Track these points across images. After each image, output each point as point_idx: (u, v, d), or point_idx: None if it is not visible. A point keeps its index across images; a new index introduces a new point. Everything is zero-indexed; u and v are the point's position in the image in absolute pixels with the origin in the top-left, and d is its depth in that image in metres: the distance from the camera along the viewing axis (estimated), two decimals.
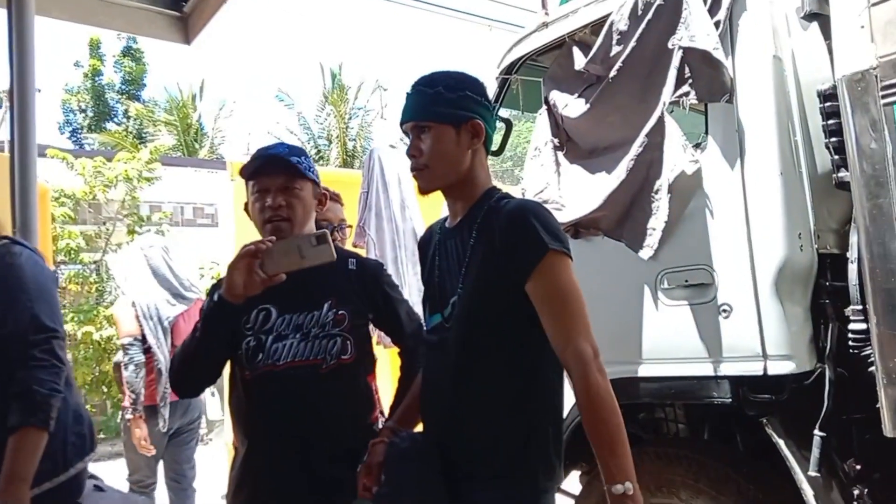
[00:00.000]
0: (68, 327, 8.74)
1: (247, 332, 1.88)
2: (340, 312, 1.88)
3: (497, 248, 1.58)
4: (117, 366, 4.06)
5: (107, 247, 9.98)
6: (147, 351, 3.82)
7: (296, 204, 1.89)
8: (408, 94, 1.71)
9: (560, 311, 1.52)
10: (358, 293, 1.95)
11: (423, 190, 1.73)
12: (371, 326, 2.14)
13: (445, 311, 1.67)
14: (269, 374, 1.85)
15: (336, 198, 2.81)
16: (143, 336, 3.81)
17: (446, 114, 1.65)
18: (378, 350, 2.33)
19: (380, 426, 1.99)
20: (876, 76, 1.98)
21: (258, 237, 1.83)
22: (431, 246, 1.82)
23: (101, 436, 4.56)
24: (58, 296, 2.06)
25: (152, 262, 4.01)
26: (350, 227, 2.63)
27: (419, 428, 1.87)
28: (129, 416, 3.78)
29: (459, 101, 1.66)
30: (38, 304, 1.94)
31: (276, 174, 1.89)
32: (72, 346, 9.01)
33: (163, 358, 3.81)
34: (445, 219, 1.83)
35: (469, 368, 1.61)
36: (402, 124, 1.72)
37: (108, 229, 10.04)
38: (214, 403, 8.26)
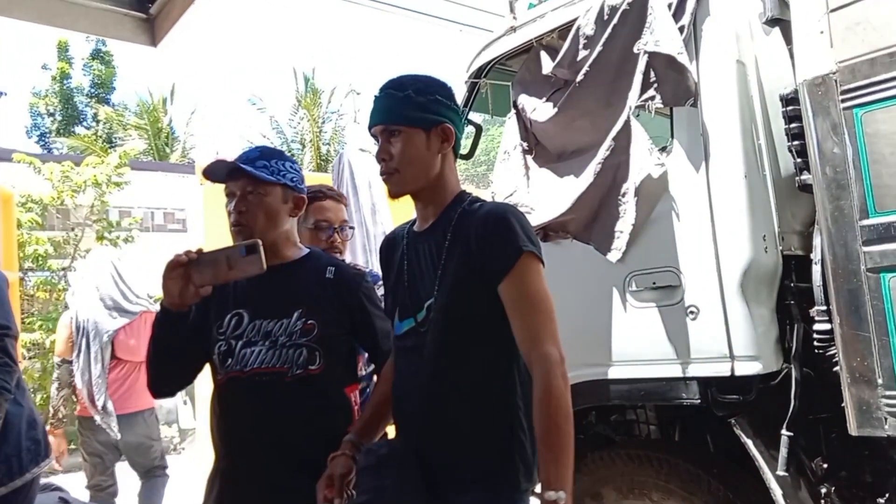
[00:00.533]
0: (35, 335, 8.57)
1: (219, 336, 1.87)
2: (310, 322, 1.84)
3: (473, 249, 1.57)
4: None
5: (75, 253, 9.79)
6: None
7: (256, 210, 1.85)
8: (376, 97, 1.70)
9: (529, 314, 1.52)
10: (333, 303, 1.90)
11: (394, 194, 1.71)
12: None
13: (419, 315, 1.65)
14: (235, 380, 1.84)
15: (338, 198, 2.71)
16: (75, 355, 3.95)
17: (416, 117, 1.64)
18: None
19: None
20: (836, 80, 2.02)
21: (226, 241, 1.81)
22: (398, 250, 1.79)
23: (72, 447, 4.49)
24: (8, 296, 2.03)
25: (98, 277, 4.11)
26: (352, 228, 2.55)
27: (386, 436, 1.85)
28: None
29: (429, 105, 1.65)
30: None
31: (239, 178, 1.87)
32: (40, 355, 8.83)
33: (91, 373, 3.89)
34: (411, 223, 1.81)
35: (446, 372, 1.60)
36: (370, 128, 1.70)
37: (76, 235, 9.86)
38: (187, 412, 8.14)
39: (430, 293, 1.63)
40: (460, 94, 3.07)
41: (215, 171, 1.89)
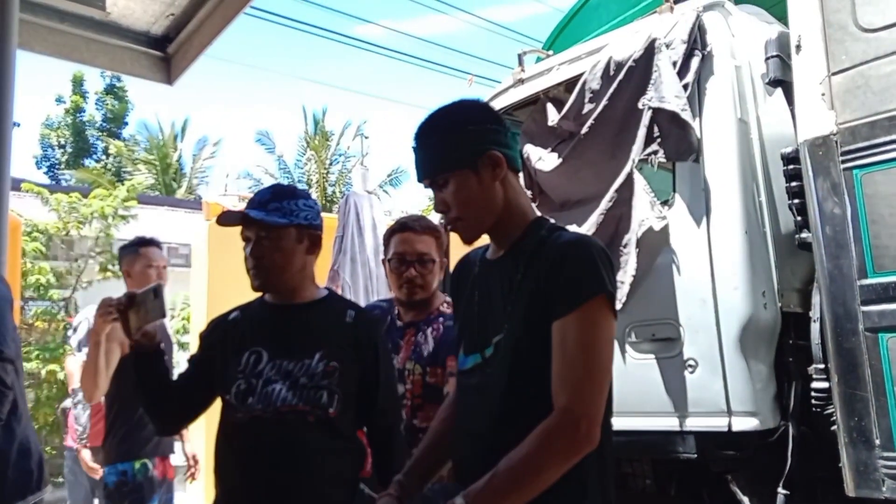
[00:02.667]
0: (32, 365, 8.51)
1: (238, 374, 1.84)
2: (331, 364, 1.83)
3: (542, 285, 1.43)
4: (64, 411, 4.13)
5: (77, 284, 9.81)
6: None
7: (271, 254, 1.86)
8: (413, 149, 1.58)
9: (572, 364, 1.37)
10: (351, 346, 1.89)
11: (467, 241, 1.58)
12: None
13: (487, 352, 1.51)
14: (259, 419, 1.81)
15: (420, 230, 2.38)
16: None
17: (456, 159, 1.51)
18: None
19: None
20: (836, 141, 2.06)
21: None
22: (469, 278, 1.64)
23: (59, 480, 4.45)
24: (11, 318, 1.99)
25: None
26: (433, 261, 2.36)
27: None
28: (75, 446, 3.90)
29: (465, 140, 1.51)
30: None
31: (252, 223, 1.88)
32: (34, 385, 8.77)
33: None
34: (485, 248, 1.65)
35: (511, 417, 1.45)
36: (420, 182, 1.60)
37: (79, 266, 9.89)
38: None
39: (500, 329, 1.49)
40: None
41: (229, 219, 1.91)
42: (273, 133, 25.12)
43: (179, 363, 4.41)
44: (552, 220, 1.58)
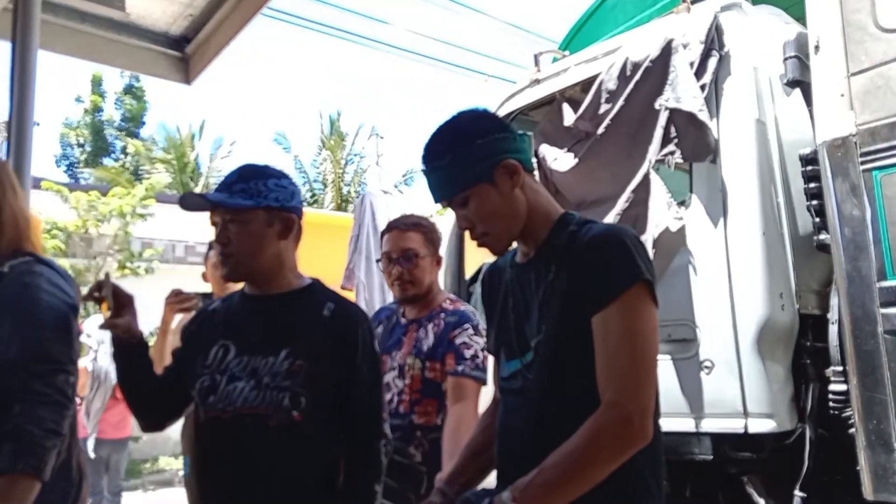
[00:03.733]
0: None
1: (204, 370, 1.70)
2: (297, 363, 1.63)
3: (576, 277, 1.40)
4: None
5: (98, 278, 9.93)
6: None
7: (238, 239, 1.69)
8: (424, 172, 1.56)
9: (618, 355, 1.33)
10: (326, 344, 1.67)
11: (497, 253, 1.57)
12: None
13: (526, 357, 1.48)
14: (217, 420, 1.66)
15: (403, 227, 2.40)
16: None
17: (471, 176, 1.48)
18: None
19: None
20: (855, 143, 2.04)
21: None
22: (502, 285, 1.61)
23: None
24: (76, 327, 1.83)
25: None
26: (417, 256, 2.36)
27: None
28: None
29: (476, 155, 1.48)
30: (48, 332, 1.69)
31: (214, 207, 1.72)
32: None
33: (91, 409, 5.18)
34: (514, 252, 1.61)
35: (557, 414, 1.41)
36: (437, 203, 1.58)
37: (97, 264, 10.00)
38: None
39: (537, 332, 1.47)
40: None
41: (191, 203, 1.75)
42: (289, 133, 25.22)
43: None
44: (578, 215, 1.53)
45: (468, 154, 1.47)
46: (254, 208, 1.68)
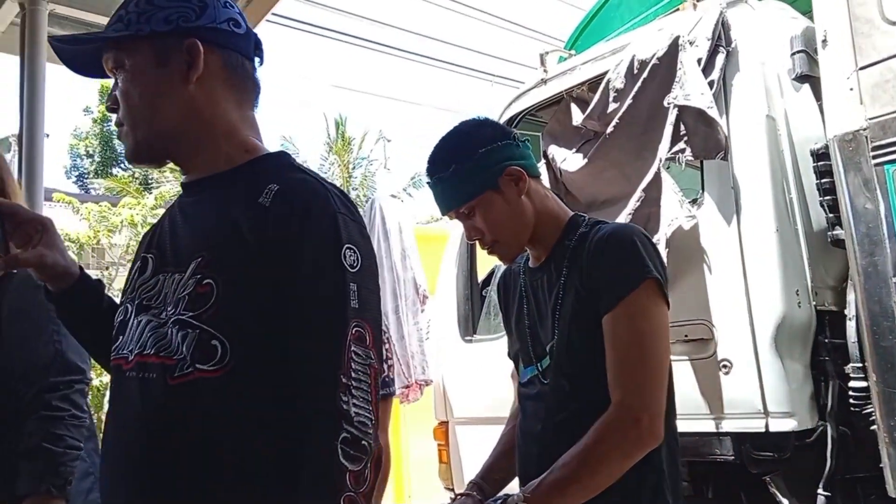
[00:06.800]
0: None
1: (124, 297, 1.20)
2: (206, 282, 1.03)
3: (585, 279, 1.40)
4: None
5: (108, 292, 9.99)
6: None
7: (122, 98, 1.13)
8: (429, 184, 1.56)
9: (627, 357, 1.33)
10: (258, 250, 1.03)
11: (508, 261, 1.59)
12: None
13: (543, 362, 1.48)
14: (118, 371, 1.12)
15: None
16: None
17: (476, 185, 1.48)
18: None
19: None
20: (866, 137, 2.02)
21: None
22: (516, 290, 1.62)
23: None
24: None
25: None
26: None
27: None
28: None
29: (480, 164, 1.48)
30: (67, 339, 1.60)
31: (80, 43, 1.20)
32: None
33: None
34: (527, 257, 1.61)
35: (572, 416, 1.41)
36: (444, 214, 1.59)
37: (110, 274, 10.06)
38: None
39: (551, 335, 1.47)
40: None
41: (68, 59, 1.20)
42: (296, 138, 25.27)
43: None
44: (588, 216, 1.54)
45: (471, 163, 1.48)
46: (130, 39, 1.10)
